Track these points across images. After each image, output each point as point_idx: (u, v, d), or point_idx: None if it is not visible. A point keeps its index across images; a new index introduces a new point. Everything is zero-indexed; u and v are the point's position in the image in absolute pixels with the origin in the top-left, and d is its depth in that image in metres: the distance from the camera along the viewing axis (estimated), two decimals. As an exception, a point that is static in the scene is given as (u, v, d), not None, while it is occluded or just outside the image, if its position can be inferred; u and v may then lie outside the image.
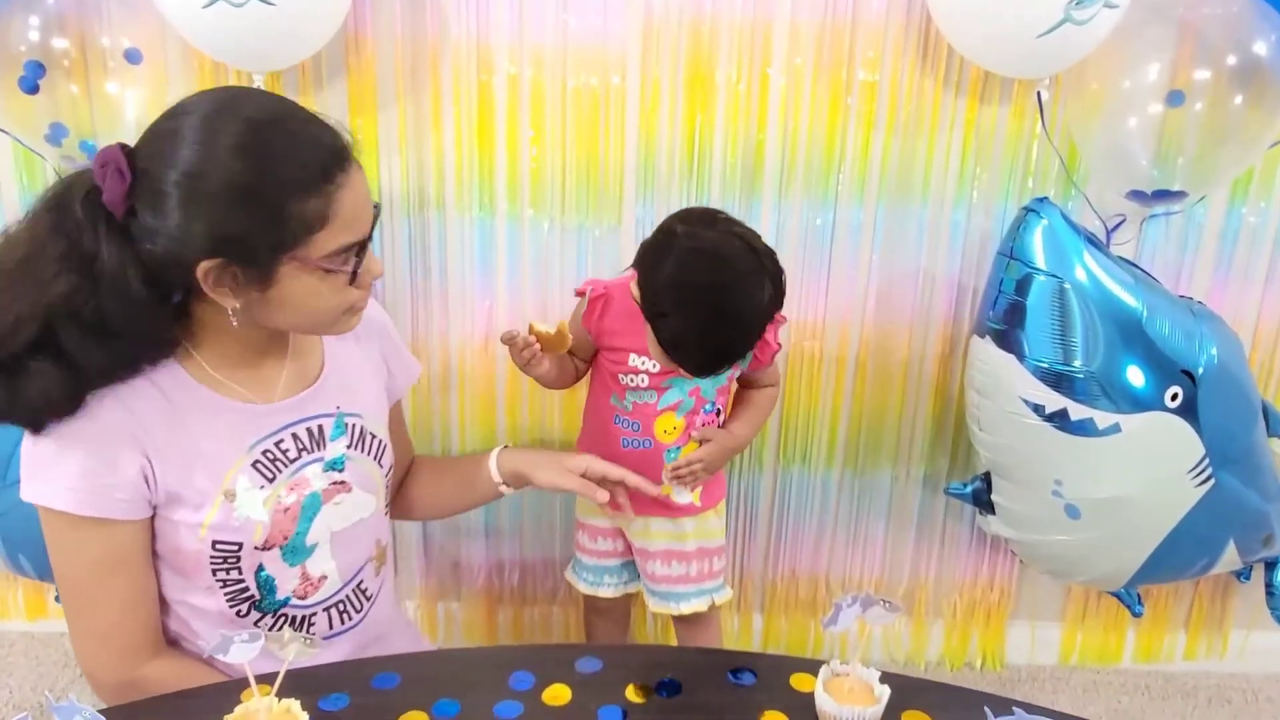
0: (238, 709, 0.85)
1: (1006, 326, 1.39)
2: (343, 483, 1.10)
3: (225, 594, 1.04)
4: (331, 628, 1.12)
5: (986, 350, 1.43)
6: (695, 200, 1.61)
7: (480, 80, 1.56)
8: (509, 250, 1.64)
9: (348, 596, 1.13)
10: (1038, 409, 1.37)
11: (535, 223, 1.62)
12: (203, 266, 0.92)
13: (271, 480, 1.04)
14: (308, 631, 1.09)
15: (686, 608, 1.49)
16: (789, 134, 1.58)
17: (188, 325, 1.01)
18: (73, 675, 1.76)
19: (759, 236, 1.28)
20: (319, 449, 1.08)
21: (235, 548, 1.02)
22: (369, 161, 1.60)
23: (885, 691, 0.91)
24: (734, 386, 1.47)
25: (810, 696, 0.94)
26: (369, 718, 0.91)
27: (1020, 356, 1.38)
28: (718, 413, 1.43)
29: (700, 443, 1.39)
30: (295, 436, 1.06)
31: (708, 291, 1.23)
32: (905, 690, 0.95)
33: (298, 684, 0.91)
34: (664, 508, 1.44)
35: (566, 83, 1.56)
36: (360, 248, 0.98)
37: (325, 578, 1.10)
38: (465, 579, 1.85)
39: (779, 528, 1.81)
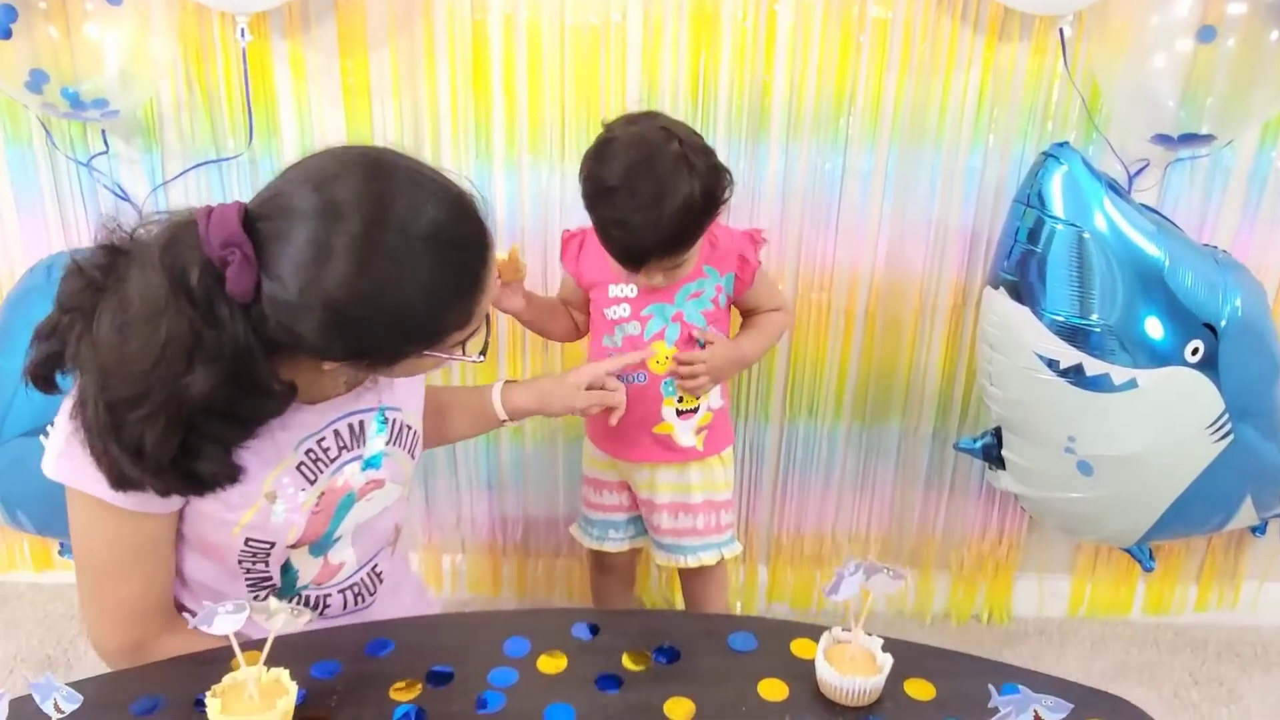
0: (225, 679, 0.84)
1: (1021, 278, 1.34)
2: (379, 480, 1.06)
3: (247, 580, 1.02)
4: (345, 608, 1.10)
5: (1000, 302, 1.38)
6: (699, 145, 1.55)
7: (474, 20, 1.49)
8: (508, 198, 1.59)
9: (362, 580, 1.11)
10: (1052, 364, 1.33)
11: (534, 168, 1.57)
12: (329, 365, 0.90)
13: (313, 482, 1.00)
14: (321, 613, 1.08)
15: (694, 560, 1.47)
16: (797, 74, 1.52)
17: None
18: (80, 628, 1.77)
19: (700, 137, 1.24)
20: (358, 446, 1.04)
21: (267, 546, 0.99)
22: (360, 105, 1.54)
23: (888, 661, 0.89)
24: (734, 318, 1.44)
25: (811, 664, 0.92)
26: (361, 685, 0.89)
27: (1035, 309, 1.33)
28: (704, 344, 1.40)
29: (702, 346, 1.36)
30: (337, 434, 1.02)
31: (624, 175, 1.19)
32: (908, 657, 0.93)
33: (288, 651, 0.89)
34: (666, 450, 1.41)
35: (565, 21, 1.49)
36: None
37: (343, 564, 1.07)
38: (468, 533, 1.84)
39: (785, 481, 1.78)
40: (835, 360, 1.69)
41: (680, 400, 1.38)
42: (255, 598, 1.01)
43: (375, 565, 1.11)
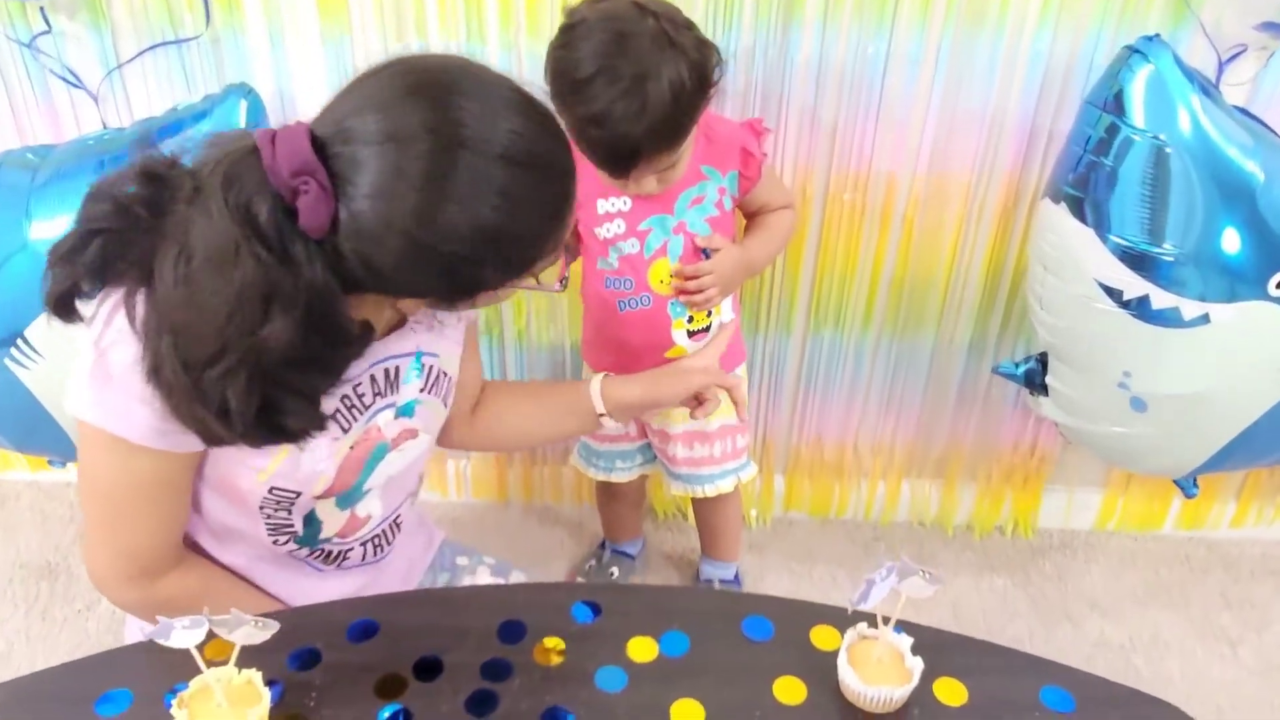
0: (194, 682, 0.77)
1: (1087, 194, 1.17)
2: (412, 430, 0.98)
3: (268, 526, 0.94)
4: (364, 560, 1.04)
5: (1060, 219, 1.22)
6: (722, 24, 1.35)
7: (461, -127, 1.27)
8: (504, 86, 1.41)
9: (384, 531, 1.04)
10: (1114, 294, 1.18)
11: (532, 53, 1.37)
12: (407, 303, 0.83)
13: (347, 430, 0.91)
14: (340, 564, 1.01)
15: (711, 490, 1.39)
16: (839, -59, 1.30)
17: None
18: (80, 530, 1.74)
19: (678, 10, 1.07)
20: (392, 393, 0.94)
21: (293, 495, 0.92)
22: (334, -21, 1.34)
23: (918, 665, 0.81)
24: (739, 222, 1.29)
25: (832, 657, 0.84)
26: (343, 679, 0.82)
27: (1100, 231, 1.17)
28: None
29: (707, 256, 1.22)
30: (373, 379, 0.92)
31: (597, 61, 1.02)
32: (939, 651, 0.85)
33: None
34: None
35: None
36: None
37: (369, 518, 1.00)
38: (473, 438, 1.76)
39: (806, 393, 1.67)
40: (866, 268, 1.54)
41: (690, 320, 1.25)
42: (275, 543, 0.95)
43: (397, 516, 1.05)
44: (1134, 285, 1.16)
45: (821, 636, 0.88)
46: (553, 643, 0.87)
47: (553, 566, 1.70)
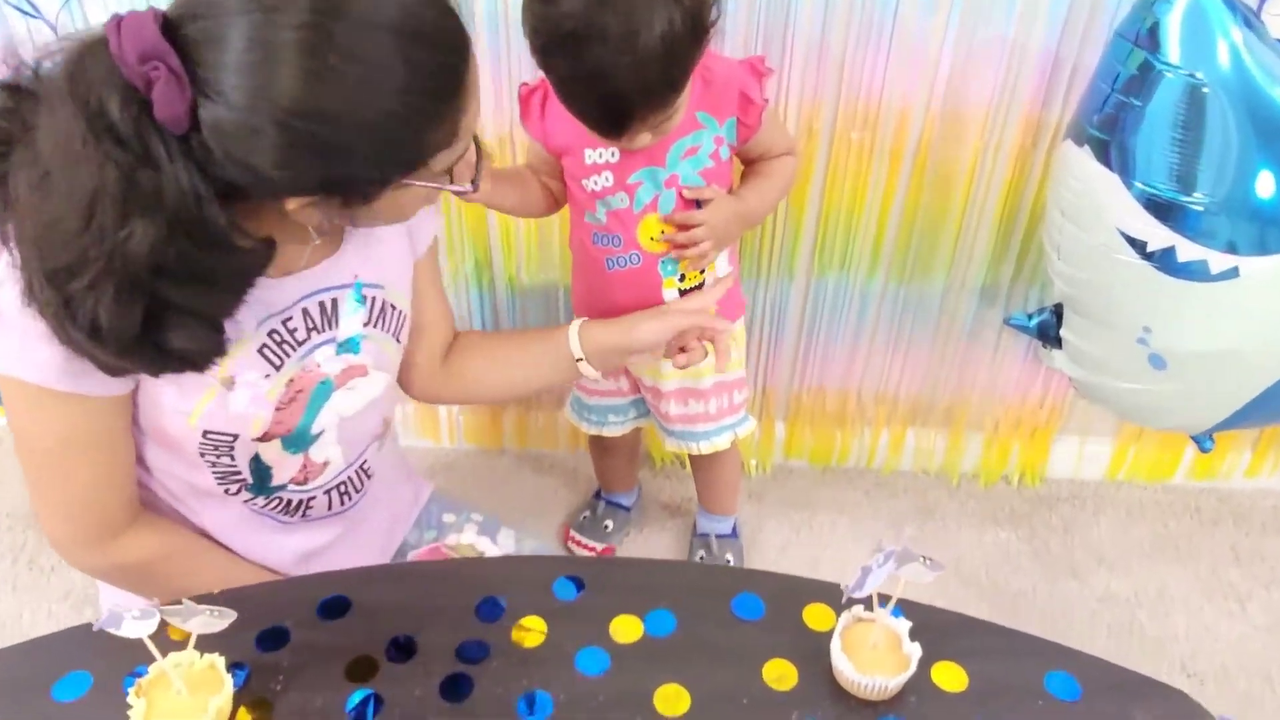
0: (153, 668, 0.73)
1: (1113, 136, 1.09)
2: (359, 367, 0.92)
3: (215, 474, 0.90)
4: (331, 509, 1.00)
5: (1082, 163, 1.13)
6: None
7: None
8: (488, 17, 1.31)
9: (350, 478, 1.00)
10: (1137, 245, 1.11)
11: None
12: (294, 202, 0.73)
13: (279, 367, 0.86)
14: (304, 514, 0.97)
15: (707, 447, 1.34)
16: None
17: None
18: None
19: None
20: (330, 327, 0.89)
21: (229, 439, 0.87)
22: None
23: (916, 651, 0.76)
24: (735, 170, 1.21)
25: (825, 639, 0.79)
26: (312, 661, 0.79)
27: (1125, 177, 1.09)
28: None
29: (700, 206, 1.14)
30: (306, 313, 0.87)
31: (582, 13, 0.91)
32: (939, 632, 0.80)
33: (235, 605, 0.77)
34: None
35: None
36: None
37: (328, 463, 0.96)
38: (465, 385, 1.71)
39: (809, 339, 1.61)
40: (874, 209, 1.46)
41: (682, 279, 1.18)
42: (227, 492, 0.91)
43: (364, 462, 1.00)
44: (1159, 236, 1.09)
45: (815, 616, 0.84)
46: (532, 622, 0.83)
47: (547, 516, 1.67)
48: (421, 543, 1.16)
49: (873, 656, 0.77)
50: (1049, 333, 1.32)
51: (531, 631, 0.82)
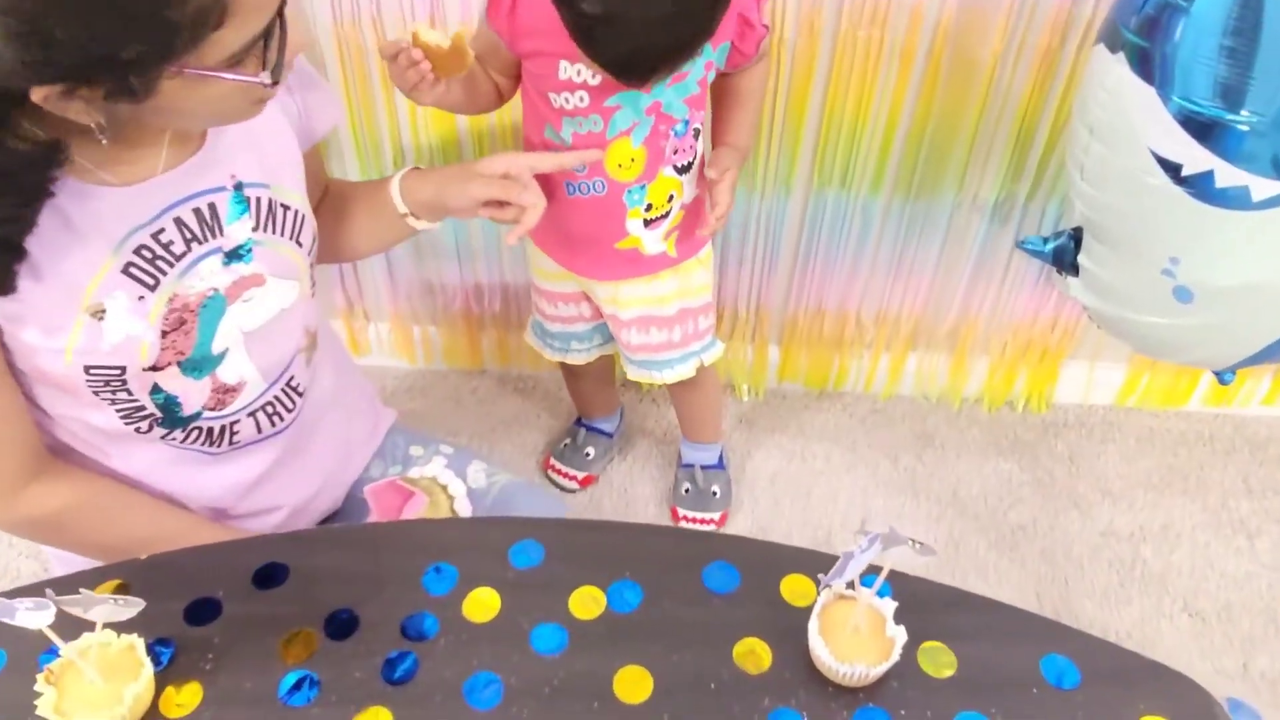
0: (66, 649, 0.67)
1: (1154, 42, 0.95)
2: (255, 277, 0.83)
3: (119, 412, 0.82)
4: (261, 432, 0.91)
5: (1114, 72, 1.00)
6: None
7: None
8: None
9: (276, 397, 0.91)
10: (1171, 168, 0.99)
11: None
12: (39, 93, 0.63)
13: (154, 287, 0.77)
14: (231, 442, 0.89)
15: (671, 375, 1.26)
16: None
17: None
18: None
19: None
20: (213, 236, 0.80)
21: (116, 372, 0.78)
22: None
23: (900, 636, 0.69)
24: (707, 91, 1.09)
25: (803, 615, 0.73)
26: (245, 636, 0.73)
27: (1163, 90, 0.96)
28: (696, 134, 1.07)
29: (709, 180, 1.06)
30: (180, 223, 0.78)
31: None
32: (927, 609, 0.74)
33: (155, 583, 0.75)
34: (631, 264, 1.14)
35: None
36: (269, 30, 0.67)
37: (244, 383, 0.87)
38: (440, 302, 1.61)
39: (805, 258, 1.50)
40: (881, 117, 1.33)
41: (649, 208, 1.07)
42: (138, 430, 0.83)
43: (289, 379, 0.91)
44: (1196, 158, 0.97)
45: (793, 589, 0.77)
46: (485, 594, 0.76)
47: (528, 441, 1.60)
48: (385, 476, 1.09)
49: (853, 641, 0.70)
50: (1066, 259, 1.21)
51: (485, 601, 0.75)
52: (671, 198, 1.07)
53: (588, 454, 1.52)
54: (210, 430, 0.87)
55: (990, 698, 0.70)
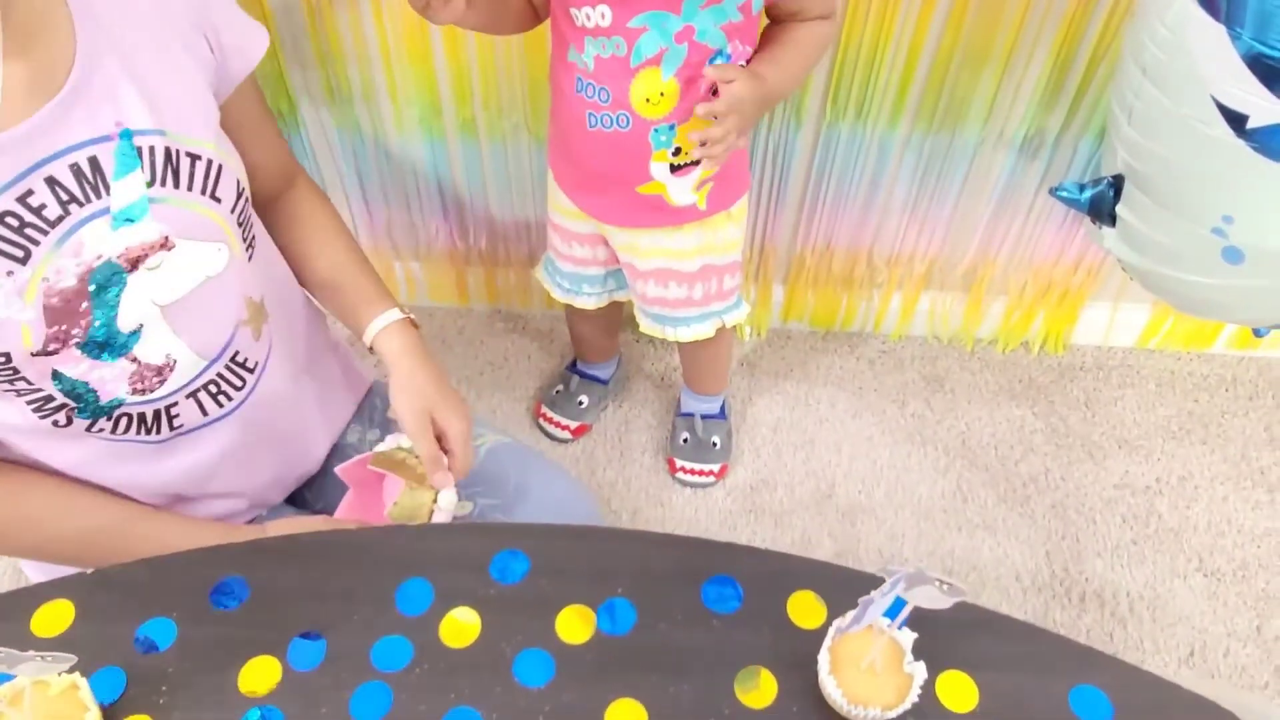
0: (1, 690, 0.60)
1: (1225, -27, 0.83)
2: (160, 241, 0.72)
3: (28, 404, 0.73)
4: (206, 414, 0.82)
5: (1178, 6, 0.88)
6: None
7: None
8: None
9: (219, 376, 0.81)
10: (1234, 119, 0.88)
11: None
12: None
13: (24, 259, 0.66)
14: (172, 427, 0.81)
15: (686, 334, 1.17)
16: None
17: None
18: None
19: None
20: (96, 195, 0.69)
21: (0, 360, 0.69)
22: None
23: (920, 673, 0.63)
24: (761, 25, 0.96)
25: (811, 639, 0.67)
26: (202, 664, 0.66)
27: (1233, 28, 0.84)
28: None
29: (714, 92, 0.92)
30: (53, 183, 0.66)
31: None
32: (948, 634, 0.67)
33: (103, 603, 0.69)
34: (655, 212, 1.04)
35: None
36: None
37: (174, 362, 0.77)
38: (423, 239, 1.51)
39: (815, 194, 1.39)
40: (904, 44, 1.20)
41: (676, 153, 0.96)
42: (56, 424, 0.74)
43: (234, 353, 0.81)
44: (1264, 109, 0.85)
45: (801, 609, 0.70)
46: (464, 614, 0.69)
47: (518, 385, 1.52)
48: (364, 445, 1.02)
49: (867, 681, 0.64)
50: (1103, 209, 1.10)
51: (464, 622, 0.69)
52: (705, 144, 0.96)
53: (581, 402, 1.45)
54: (142, 416, 0.78)
55: (1015, 733, 0.65)
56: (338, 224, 0.96)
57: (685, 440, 1.41)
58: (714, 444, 1.41)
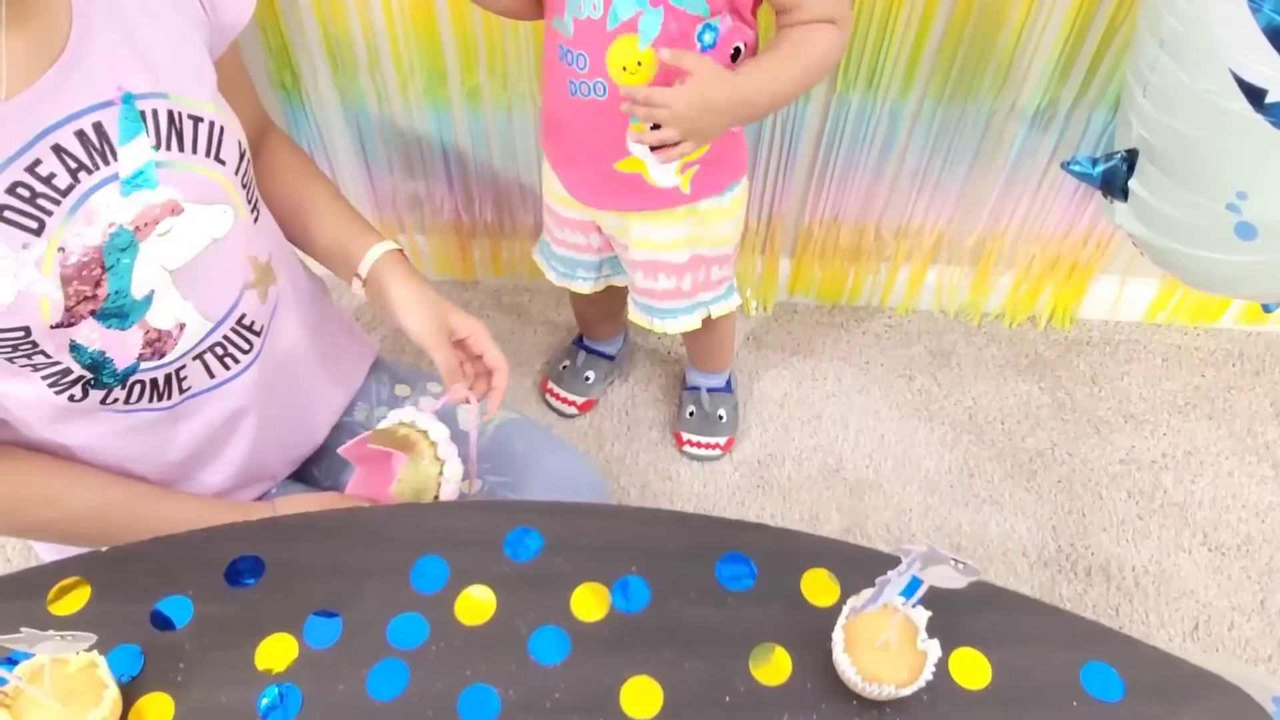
0: (22, 667, 0.61)
1: (1248, -58, 0.82)
2: (166, 204, 0.72)
3: (44, 379, 0.73)
4: (213, 377, 0.82)
5: (1197, -23, 0.87)
6: None
7: None
8: None
9: (225, 338, 0.81)
10: (1253, 93, 0.86)
11: None
12: None
13: (39, 232, 0.66)
14: (182, 391, 0.80)
15: (673, 326, 1.16)
16: None
17: None
18: None
19: None
20: (104, 162, 0.68)
21: (20, 334, 0.69)
22: None
23: (934, 651, 0.64)
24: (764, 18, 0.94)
25: (826, 616, 0.67)
26: (219, 641, 0.67)
27: (1254, 1, 0.83)
28: (736, 54, 0.91)
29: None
30: (60, 151, 0.66)
31: None
32: (960, 612, 0.67)
33: (119, 580, 0.69)
34: (638, 195, 1.02)
35: None
36: None
37: (183, 325, 0.77)
38: (429, 211, 1.50)
39: (824, 166, 1.38)
40: (915, 12, 1.18)
41: (655, 127, 0.94)
42: (72, 399, 0.74)
43: (240, 316, 0.81)
44: (1284, 83, 0.85)
45: (815, 586, 0.71)
46: (479, 591, 0.70)
47: (524, 360, 1.52)
48: (371, 421, 1.01)
49: (881, 659, 0.64)
50: (1116, 183, 1.10)
51: (479, 600, 0.69)
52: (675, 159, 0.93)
53: (587, 378, 1.44)
54: (155, 382, 0.78)
55: (1027, 711, 0.65)
56: (314, 169, 0.95)
57: (692, 414, 1.41)
58: (720, 417, 1.41)
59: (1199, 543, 1.33)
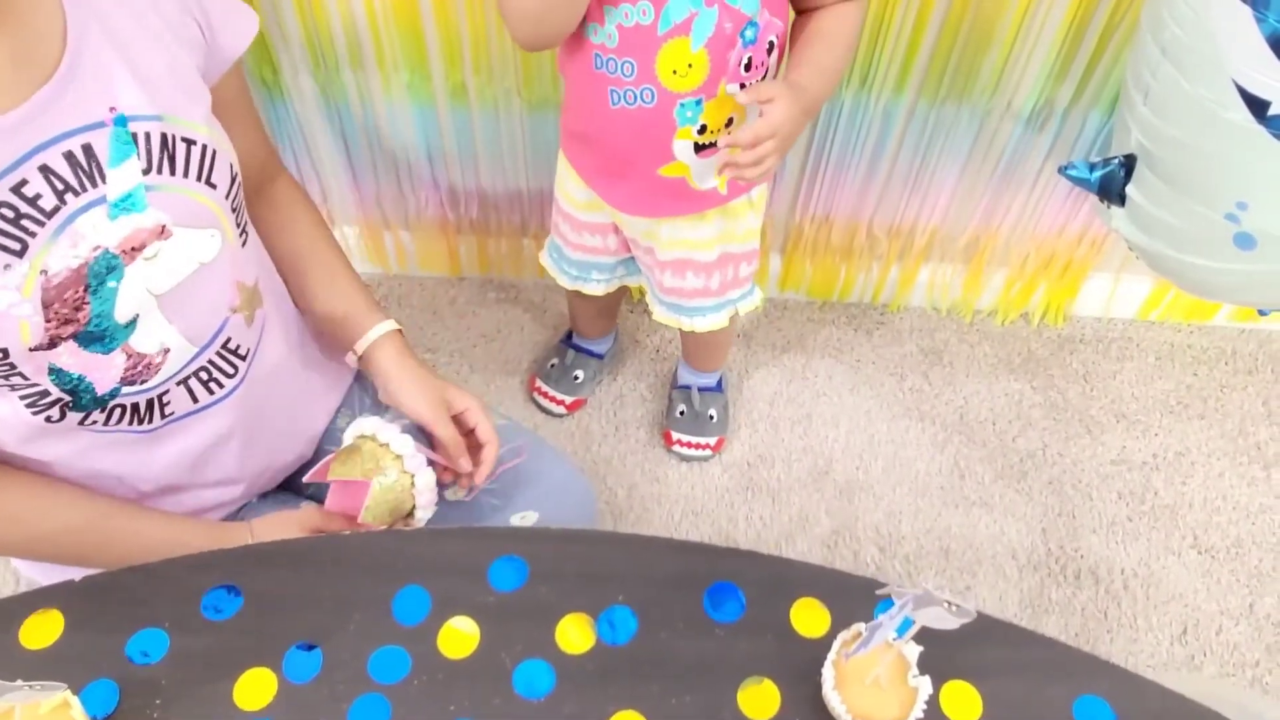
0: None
1: (1254, -50, 0.79)
2: (153, 228, 0.70)
3: (21, 399, 0.71)
4: (196, 402, 0.80)
5: (1201, -17, 0.84)
6: None
7: None
8: None
9: (210, 362, 0.79)
10: (1255, 105, 0.85)
11: None
12: None
13: (21, 252, 0.64)
14: (164, 415, 0.78)
15: (702, 324, 1.15)
16: None
17: None
18: None
19: None
20: (92, 184, 0.66)
21: None
22: None
23: (925, 687, 0.63)
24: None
25: (816, 648, 0.66)
26: (194, 675, 0.65)
27: (1259, 9, 0.81)
28: (770, 48, 0.90)
29: (747, 67, 0.87)
30: (48, 171, 0.64)
31: None
32: (951, 643, 0.66)
33: (93, 611, 0.68)
34: (676, 199, 1.00)
35: None
36: None
37: (168, 350, 0.75)
38: (413, 208, 1.47)
39: (816, 165, 1.35)
40: (911, 10, 1.15)
41: (702, 130, 0.92)
42: (49, 420, 0.73)
43: (225, 341, 0.79)
44: (1288, 95, 0.83)
45: (805, 617, 0.69)
46: (462, 623, 0.68)
47: (511, 357, 1.50)
48: (351, 426, 1.00)
49: (872, 696, 0.63)
50: (1113, 188, 1.08)
51: (462, 631, 0.68)
52: (730, 122, 0.92)
53: (576, 377, 1.42)
54: (135, 406, 0.76)
55: (1020, 747, 0.64)
56: (326, 232, 0.93)
57: (682, 413, 1.39)
58: (711, 417, 1.39)
59: (1189, 545, 1.33)
